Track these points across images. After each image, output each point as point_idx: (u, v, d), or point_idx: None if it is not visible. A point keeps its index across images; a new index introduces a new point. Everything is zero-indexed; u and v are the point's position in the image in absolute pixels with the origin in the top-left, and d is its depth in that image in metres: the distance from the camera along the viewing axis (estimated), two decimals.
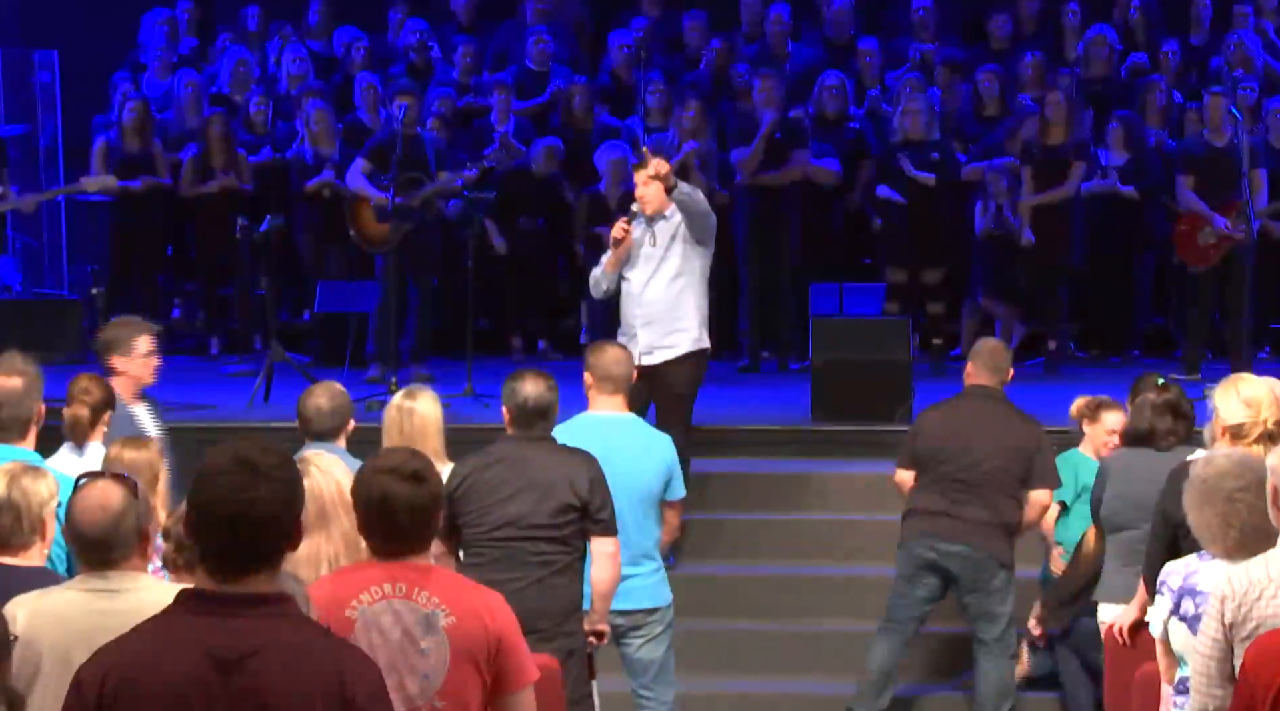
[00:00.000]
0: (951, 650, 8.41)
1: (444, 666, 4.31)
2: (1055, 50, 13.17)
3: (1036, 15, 13.43)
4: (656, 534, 6.81)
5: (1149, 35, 13.22)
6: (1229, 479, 5.07)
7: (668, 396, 8.35)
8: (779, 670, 8.58)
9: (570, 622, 6.13)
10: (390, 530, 4.36)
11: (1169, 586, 5.28)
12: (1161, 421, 6.55)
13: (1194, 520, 5.12)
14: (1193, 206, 11.64)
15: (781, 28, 13.20)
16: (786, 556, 9.11)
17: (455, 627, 4.32)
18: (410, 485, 4.33)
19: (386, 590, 4.33)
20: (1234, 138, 11.30)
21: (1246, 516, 5.02)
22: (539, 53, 13.15)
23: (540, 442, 6.22)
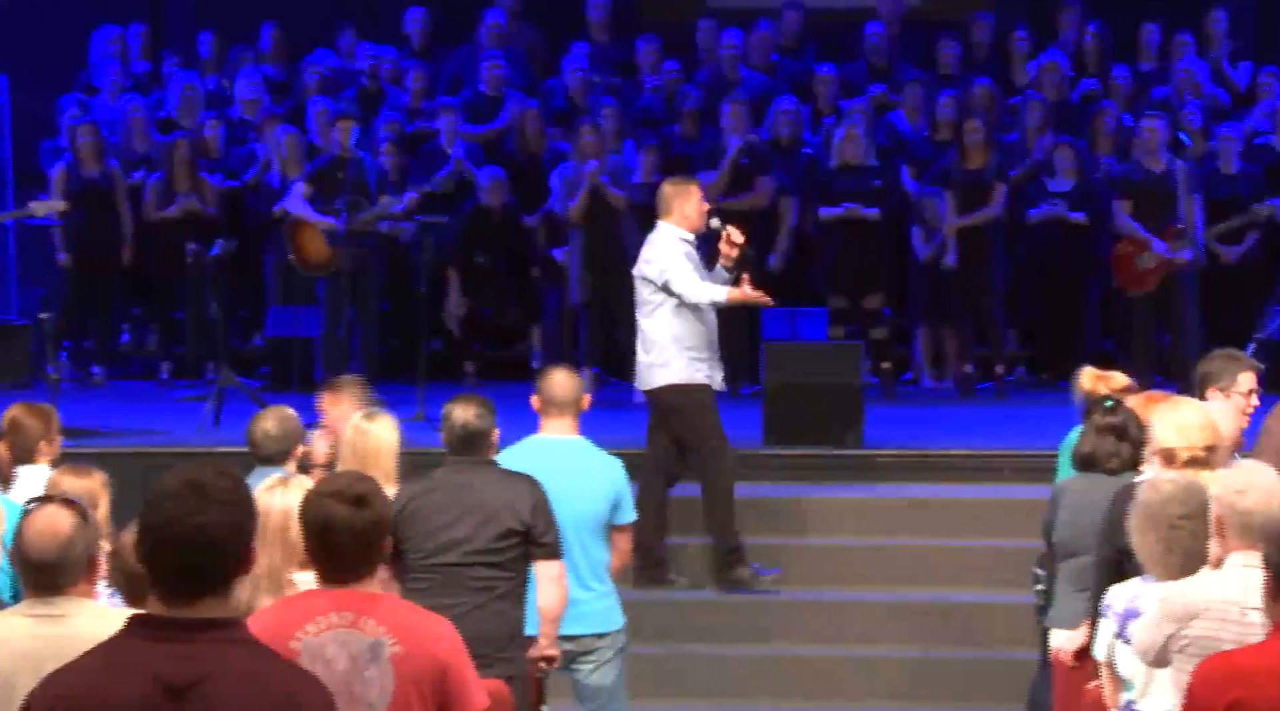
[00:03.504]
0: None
1: (388, 696, 4.28)
2: (1004, 76, 13.26)
3: (986, 41, 13.52)
4: (605, 558, 6.81)
5: (1100, 61, 13.32)
6: (1172, 505, 5.11)
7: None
8: (732, 694, 8.58)
9: (511, 648, 6.12)
10: (332, 555, 4.32)
11: (1113, 610, 5.31)
12: (1104, 444, 6.56)
13: (1137, 544, 5.16)
14: (1131, 231, 11.73)
15: (734, 52, 13.25)
16: None
17: (401, 656, 4.28)
18: (352, 509, 4.28)
19: (332, 620, 4.29)
20: (1170, 164, 11.41)
21: (1189, 542, 5.06)
22: (492, 77, 13.16)
23: (483, 467, 6.22)
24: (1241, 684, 4.12)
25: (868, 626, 8.83)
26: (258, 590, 4.83)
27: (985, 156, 12.08)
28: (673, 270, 8.47)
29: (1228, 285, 11.96)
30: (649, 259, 8.58)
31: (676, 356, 8.52)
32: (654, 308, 8.56)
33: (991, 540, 9.05)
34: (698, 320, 8.56)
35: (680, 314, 8.53)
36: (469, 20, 13.60)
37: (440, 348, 12.61)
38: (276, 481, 5.15)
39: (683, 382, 8.55)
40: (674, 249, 8.53)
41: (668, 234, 8.60)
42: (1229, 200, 11.84)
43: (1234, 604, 4.71)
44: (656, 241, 8.61)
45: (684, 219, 8.60)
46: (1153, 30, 13.29)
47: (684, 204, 8.60)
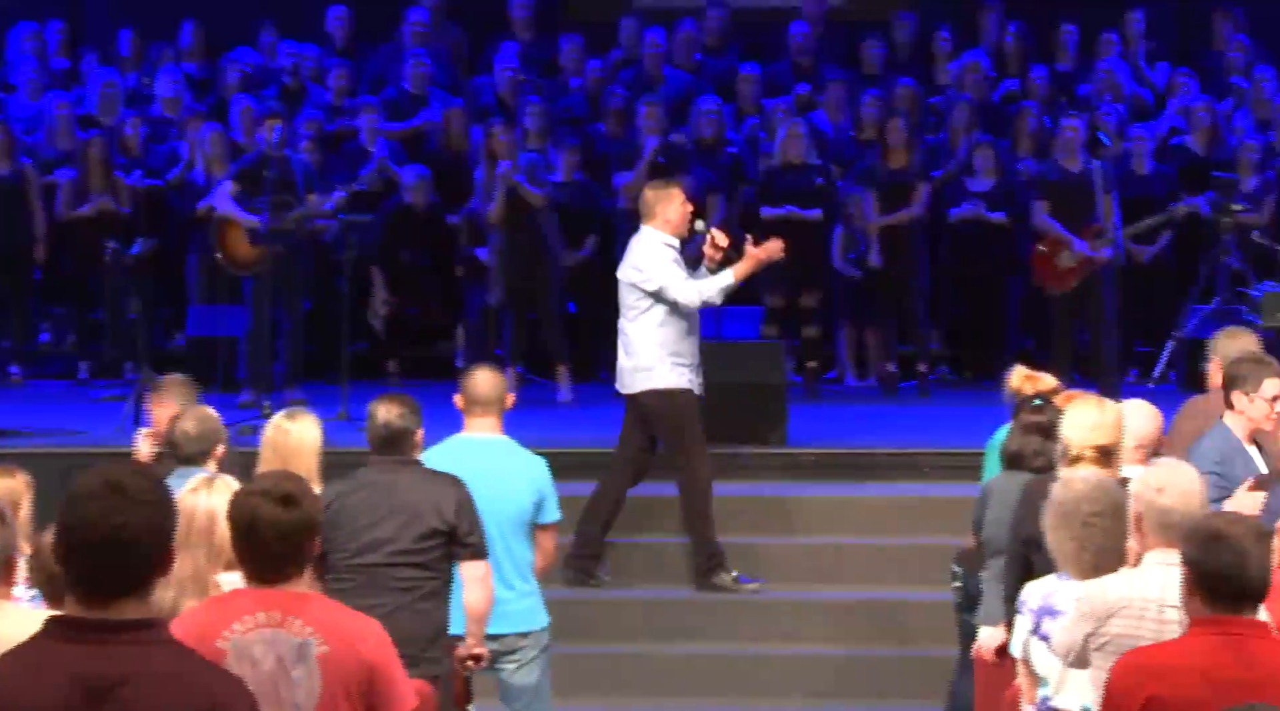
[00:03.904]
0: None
1: (314, 696, 4.26)
2: (927, 76, 13.33)
3: (908, 41, 13.59)
4: (529, 557, 6.80)
5: (1021, 62, 13.41)
6: (1085, 503, 5.15)
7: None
8: (658, 693, 8.58)
9: (435, 648, 6.11)
10: (259, 555, 4.29)
11: (1028, 606, 5.34)
12: (1030, 443, 6.61)
13: (1050, 542, 5.20)
14: (1050, 230, 11.81)
15: (657, 51, 13.26)
16: (663, 579, 9.12)
17: (328, 657, 4.27)
18: (280, 508, 4.26)
19: (260, 619, 4.27)
20: (1087, 163, 11.51)
21: (1101, 540, 5.10)
22: (416, 75, 13.12)
23: (407, 467, 6.21)
24: (1158, 680, 4.16)
25: (793, 624, 8.85)
26: (183, 592, 4.80)
27: (908, 156, 12.14)
28: (667, 279, 8.51)
29: (1142, 284, 12.06)
30: (638, 266, 8.59)
31: (660, 361, 8.56)
32: (639, 312, 8.60)
33: (914, 537, 9.09)
34: (682, 325, 8.61)
35: (665, 319, 8.56)
36: (391, 18, 13.56)
37: (364, 347, 12.55)
38: (201, 482, 5.11)
39: (665, 387, 8.59)
40: (662, 256, 8.56)
41: (652, 239, 8.61)
42: (1142, 200, 11.94)
43: (1152, 602, 4.74)
44: (642, 247, 8.62)
45: (666, 222, 8.62)
46: (1070, 31, 13.40)
47: (666, 207, 8.62)
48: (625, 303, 8.67)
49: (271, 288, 11.27)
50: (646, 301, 8.55)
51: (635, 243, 8.70)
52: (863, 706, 8.46)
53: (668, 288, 8.49)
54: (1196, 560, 4.21)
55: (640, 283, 8.56)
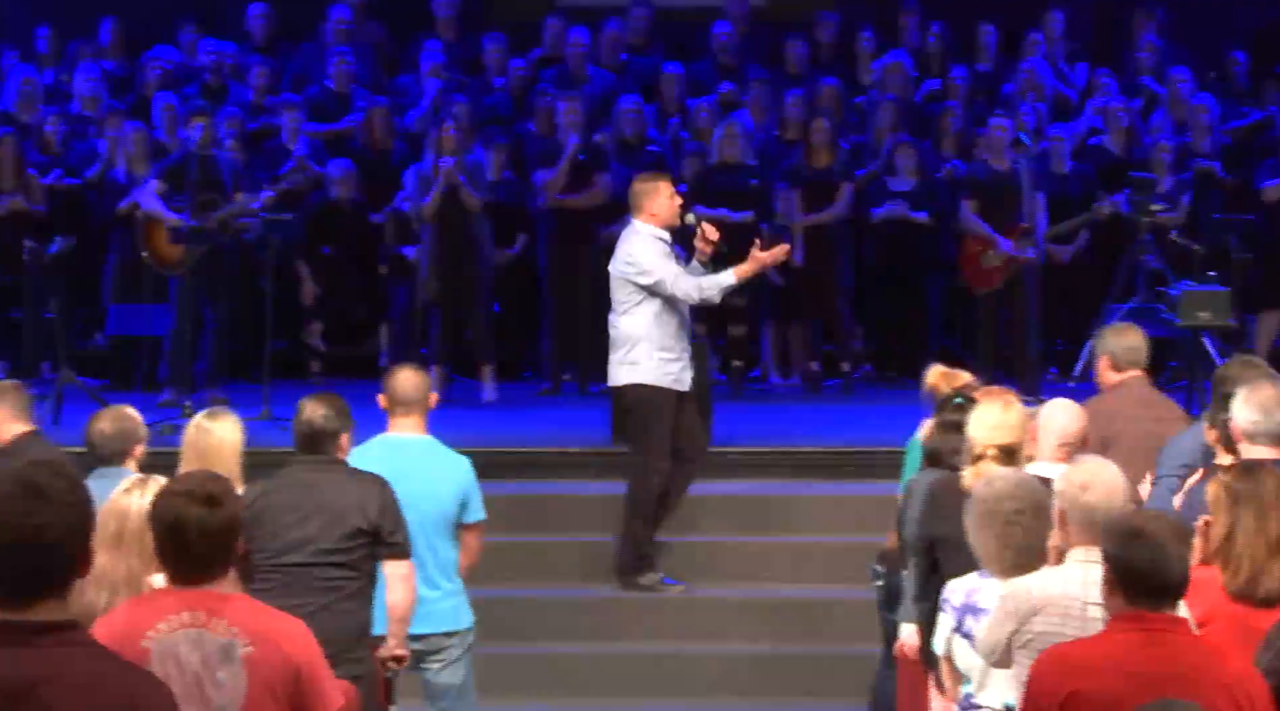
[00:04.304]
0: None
1: (240, 697, 4.24)
2: (850, 76, 13.37)
3: (832, 41, 13.63)
4: (453, 556, 6.78)
5: (943, 62, 13.49)
6: (1006, 501, 5.19)
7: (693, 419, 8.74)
8: (583, 692, 8.58)
9: (358, 648, 6.08)
10: (183, 555, 4.26)
11: (951, 604, 5.37)
12: (948, 441, 6.65)
13: (973, 540, 5.24)
14: (977, 229, 11.89)
15: (581, 50, 13.25)
16: (587, 578, 9.12)
17: (253, 657, 4.25)
18: (204, 508, 4.24)
19: (184, 619, 4.24)
20: (1015, 163, 11.58)
21: (1021, 538, 5.14)
22: (340, 74, 13.07)
23: (331, 466, 6.19)
24: (1079, 676, 4.18)
25: (718, 622, 8.87)
26: (115, 594, 4.75)
27: (831, 155, 12.19)
28: (662, 274, 8.52)
29: (1062, 283, 12.15)
30: (630, 260, 8.58)
31: (647, 357, 8.56)
32: (629, 307, 8.60)
33: (838, 536, 9.13)
34: (672, 321, 8.62)
35: (655, 314, 8.57)
36: (312, 17, 13.49)
37: (287, 346, 12.49)
38: (134, 483, 5.06)
39: (646, 383, 8.59)
40: (653, 249, 8.56)
41: (643, 233, 8.63)
42: (1060, 199, 12.03)
43: (1075, 599, 4.77)
44: (634, 241, 8.63)
45: (653, 216, 8.64)
46: (990, 32, 13.48)
47: (653, 201, 8.64)
48: (615, 297, 8.68)
49: (197, 287, 11.20)
50: (637, 296, 8.57)
51: (625, 236, 8.72)
52: (789, 704, 8.48)
53: (664, 282, 8.52)
54: (1116, 556, 4.24)
55: (633, 277, 8.57)
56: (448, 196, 11.60)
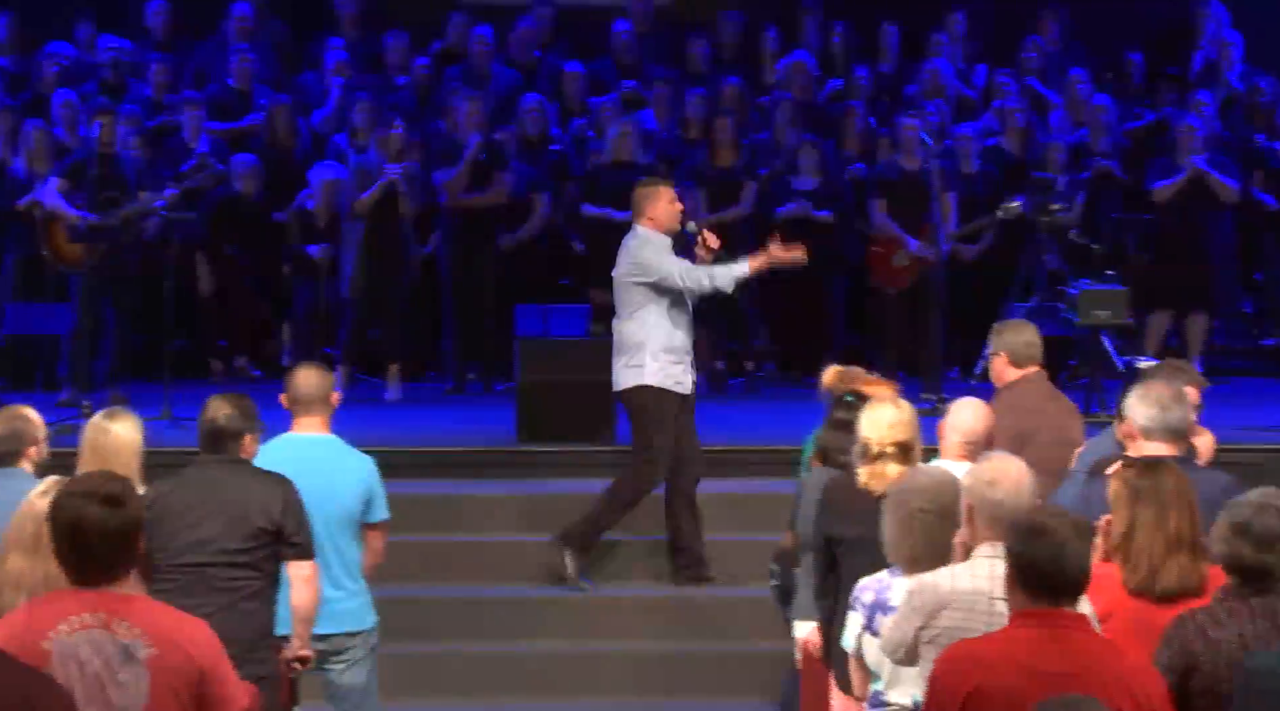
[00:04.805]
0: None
1: (143, 699, 4.21)
2: (754, 76, 13.42)
3: (735, 41, 13.67)
4: (357, 557, 6.75)
5: (846, 62, 13.56)
6: (916, 496, 5.24)
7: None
8: (487, 692, 8.56)
9: (261, 649, 6.05)
10: (84, 556, 4.23)
11: (861, 602, 5.41)
12: (836, 439, 6.71)
13: (884, 534, 5.29)
14: (886, 229, 11.97)
15: (485, 48, 13.22)
16: (492, 578, 9.10)
17: (156, 659, 4.22)
18: (105, 509, 4.20)
19: (85, 620, 4.21)
20: (924, 163, 11.66)
21: (920, 533, 5.18)
22: (241, 71, 12.98)
23: (234, 465, 6.16)
24: (980, 671, 4.22)
25: (622, 621, 8.87)
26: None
27: (734, 155, 12.23)
28: (669, 268, 8.57)
29: (965, 283, 12.25)
30: (638, 263, 8.63)
31: (651, 360, 8.60)
32: (633, 311, 8.65)
33: (743, 534, 9.15)
34: (676, 323, 8.65)
35: (659, 317, 8.62)
36: (212, 14, 13.39)
37: (188, 345, 12.39)
38: (50, 485, 4.99)
39: (650, 385, 8.63)
40: (659, 247, 8.63)
41: (643, 236, 8.68)
42: (968, 199, 12.13)
43: (982, 594, 4.81)
44: (639, 245, 8.68)
45: (652, 220, 8.70)
46: (892, 32, 13.57)
47: (653, 206, 8.71)
48: (620, 301, 8.74)
49: (98, 285, 11.09)
50: (643, 300, 8.63)
51: (629, 241, 8.78)
52: (697, 703, 8.50)
53: (671, 275, 8.58)
54: (1018, 552, 4.28)
55: (640, 278, 8.63)
56: (384, 197, 11.59)
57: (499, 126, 12.58)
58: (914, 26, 13.61)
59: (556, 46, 13.62)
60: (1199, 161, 12.10)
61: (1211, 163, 12.17)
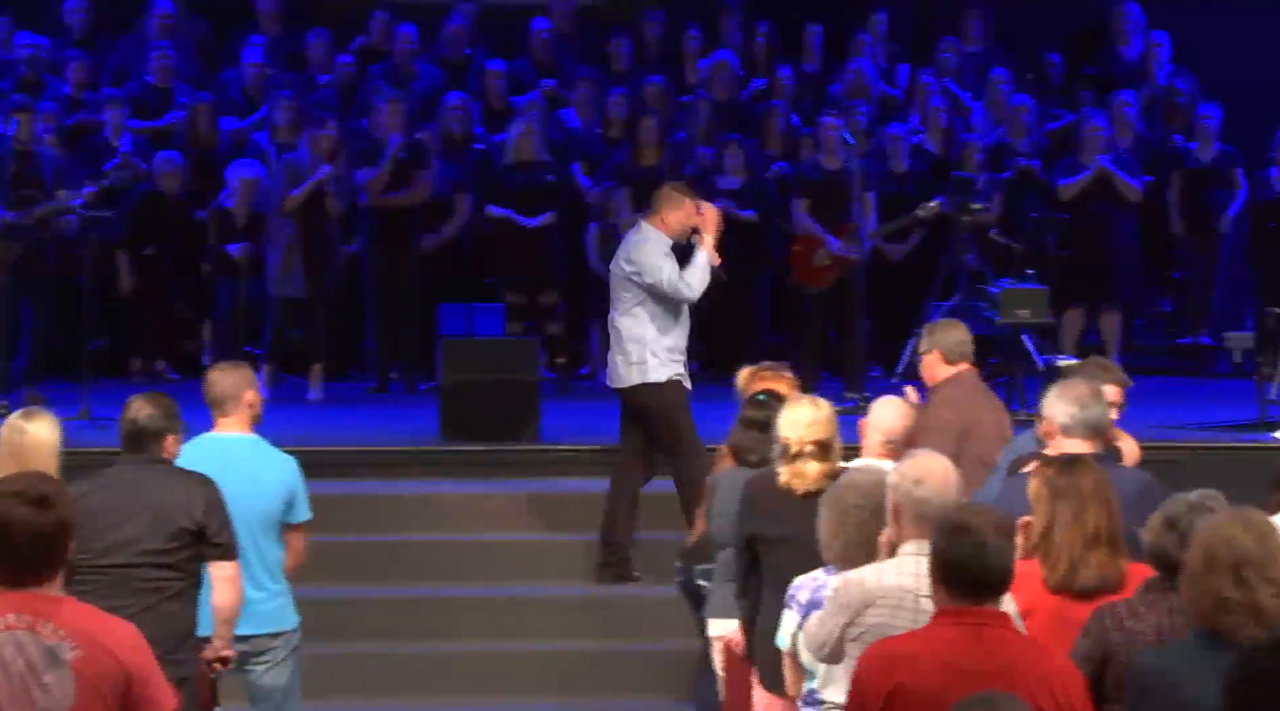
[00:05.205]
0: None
1: (68, 701, 4.18)
2: (677, 75, 13.43)
3: (657, 40, 13.68)
4: (279, 557, 6.72)
5: (769, 61, 13.60)
6: (852, 493, 5.27)
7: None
8: (407, 692, 8.54)
9: (183, 650, 6.01)
10: (12, 558, 4.19)
11: (797, 601, 5.42)
12: (747, 438, 6.74)
13: (819, 527, 5.32)
14: (808, 228, 12.00)
15: (409, 46, 13.18)
16: (415, 577, 9.08)
17: (82, 661, 4.19)
18: (34, 510, 4.16)
19: (10, 621, 4.17)
20: (845, 162, 11.71)
21: (854, 531, 5.21)
22: (161, 68, 12.88)
23: (156, 465, 6.12)
24: (903, 669, 4.23)
25: (543, 621, 8.87)
26: None
27: (659, 154, 12.23)
28: (661, 274, 8.56)
29: (890, 282, 12.31)
30: (630, 260, 8.61)
31: (651, 356, 8.59)
32: (631, 306, 8.63)
33: (668, 533, 9.15)
34: (673, 318, 8.65)
35: (656, 313, 8.61)
36: (131, 10, 13.28)
37: (108, 344, 12.30)
38: None
39: (655, 381, 8.63)
40: (656, 248, 8.61)
41: (645, 233, 8.66)
42: (898, 199, 12.19)
43: (908, 592, 4.83)
44: (639, 241, 8.65)
45: (663, 225, 8.68)
46: (816, 32, 13.62)
47: (672, 212, 8.70)
48: (616, 296, 8.72)
49: (15, 284, 10.99)
50: (639, 295, 8.61)
51: (630, 237, 8.76)
52: (614, 701, 8.50)
53: (663, 283, 8.58)
54: (940, 550, 4.30)
55: (633, 276, 8.61)
56: (314, 197, 11.54)
57: (423, 125, 12.55)
58: (838, 26, 13.66)
59: (479, 45, 13.60)
60: (1105, 161, 12.25)
61: (1117, 162, 12.32)
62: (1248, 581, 4.13)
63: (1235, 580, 4.13)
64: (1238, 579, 4.13)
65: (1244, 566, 4.14)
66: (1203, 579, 4.17)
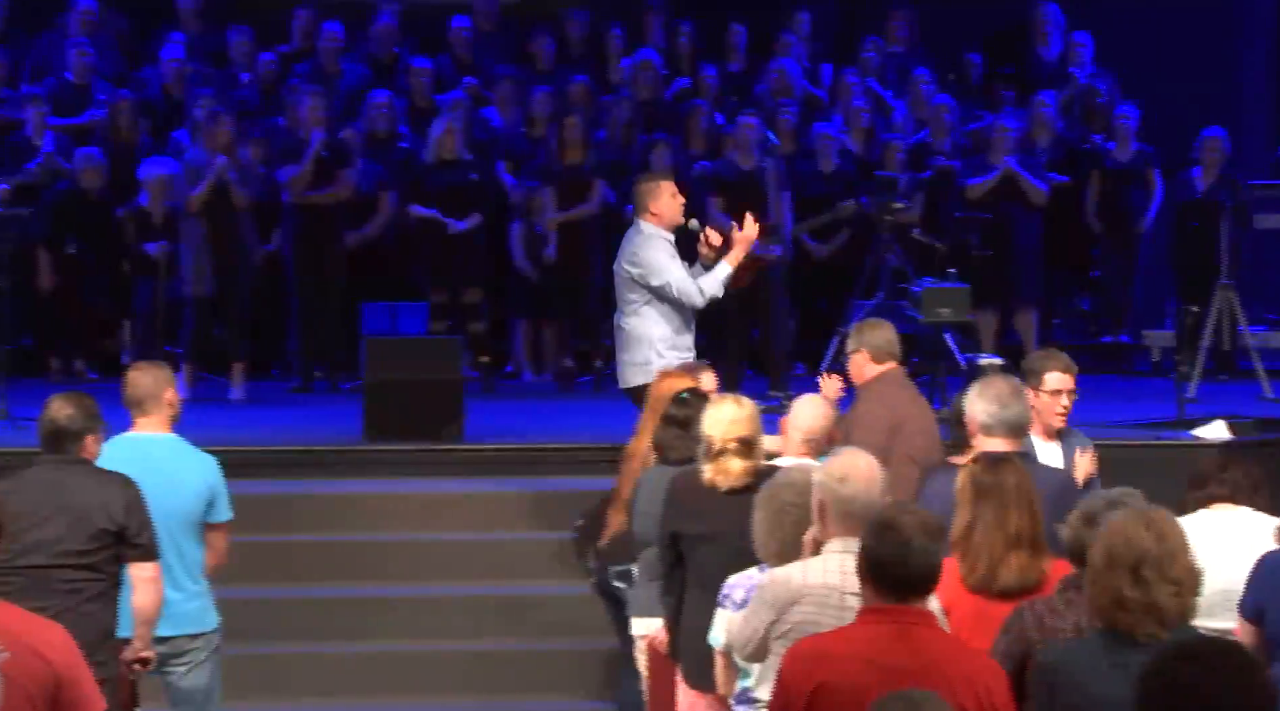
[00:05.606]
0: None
1: None
2: (600, 73, 13.43)
3: (581, 38, 13.68)
4: (199, 557, 6.67)
5: (692, 61, 13.62)
6: (787, 492, 5.28)
7: None
8: (330, 693, 8.50)
9: (102, 651, 5.96)
10: None
11: (732, 600, 5.43)
12: (667, 435, 6.76)
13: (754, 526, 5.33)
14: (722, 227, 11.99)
15: (334, 44, 13.12)
16: (337, 578, 9.03)
17: (10, 664, 4.13)
18: None
19: None
20: (761, 162, 11.75)
21: (789, 530, 5.22)
22: (80, 65, 12.77)
23: (75, 466, 6.08)
24: (826, 667, 4.24)
25: (469, 620, 8.85)
26: None
27: (583, 153, 12.23)
28: (669, 276, 8.52)
29: (815, 281, 12.35)
30: (637, 261, 8.56)
31: (657, 356, 8.51)
32: (636, 306, 8.58)
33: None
34: (678, 318, 8.59)
35: (661, 313, 8.55)
36: (49, 6, 13.15)
37: (27, 343, 12.19)
38: None
39: None
40: (660, 249, 8.55)
41: (647, 232, 8.60)
42: (826, 198, 12.24)
43: (833, 589, 4.84)
44: (641, 242, 8.60)
45: (656, 216, 8.62)
46: (739, 32, 13.65)
47: (655, 201, 8.63)
48: (621, 297, 8.67)
49: None
50: (644, 296, 8.57)
51: (630, 237, 8.71)
52: (536, 701, 8.49)
53: (671, 285, 8.53)
54: (867, 548, 4.32)
55: (638, 278, 8.57)
56: (217, 192, 11.45)
57: (347, 123, 12.49)
58: (762, 26, 13.69)
59: (404, 43, 13.56)
60: (1011, 162, 12.35)
61: (1024, 164, 12.43)
62: (1146, 580, 4.16)
63: (1134, 579, 4.16)
64: (1136, 578, 4.16)
65: (1143, 565, 4.16)
66: (1103, 576, 4.20)
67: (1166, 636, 4.10)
